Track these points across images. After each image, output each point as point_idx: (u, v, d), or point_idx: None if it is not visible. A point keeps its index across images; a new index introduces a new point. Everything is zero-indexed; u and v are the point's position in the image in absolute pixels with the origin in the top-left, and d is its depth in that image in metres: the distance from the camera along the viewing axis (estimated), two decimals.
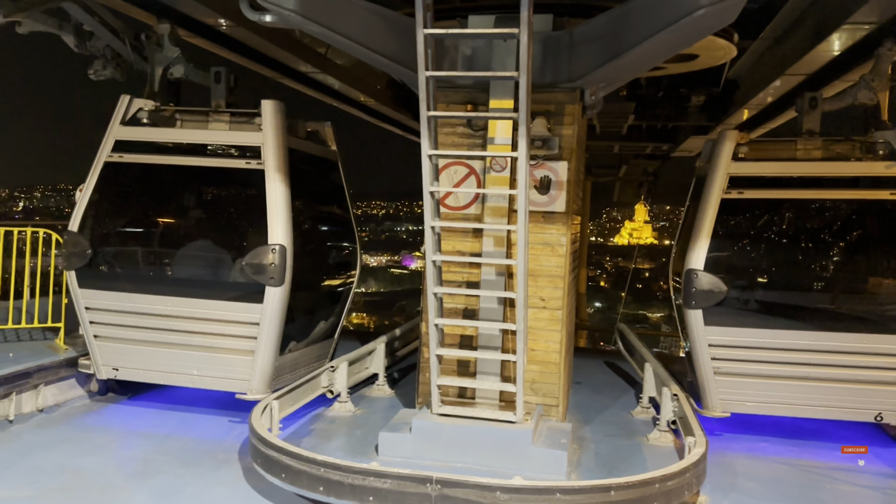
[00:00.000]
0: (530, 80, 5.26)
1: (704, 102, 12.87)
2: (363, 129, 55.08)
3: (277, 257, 6.55)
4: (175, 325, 6.90)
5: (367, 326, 60.88)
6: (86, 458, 5.96)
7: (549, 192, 6.38)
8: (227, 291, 7.01)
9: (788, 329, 6.88)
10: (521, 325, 5.69)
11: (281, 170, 6.75)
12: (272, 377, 6.84)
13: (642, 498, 4.69)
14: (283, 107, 6.97)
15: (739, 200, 7.08)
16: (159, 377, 7.13)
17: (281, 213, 6.67)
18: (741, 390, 6.96)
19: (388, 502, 4.65)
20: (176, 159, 7.27)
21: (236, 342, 6.80)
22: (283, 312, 6.69)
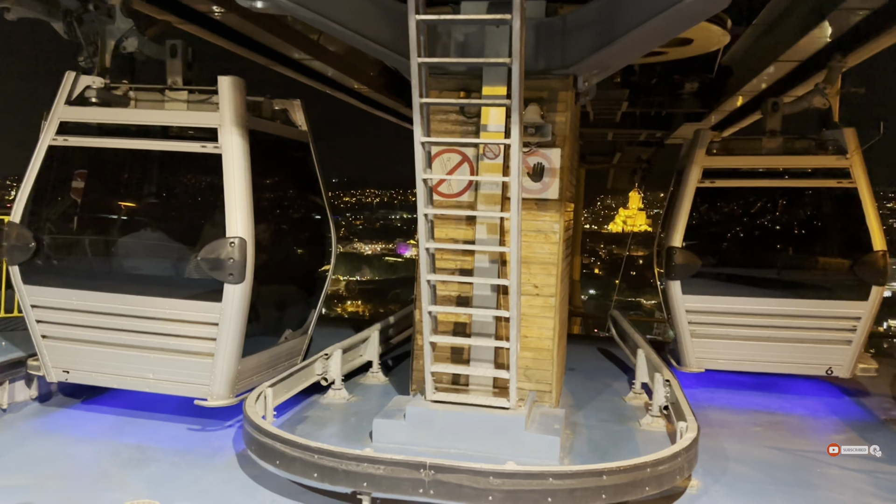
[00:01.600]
0: (523, 66, 5.25)
1: (698, 89, 12.87)
2: (357, 117, 54.84)
3: (236, 251, 5.99)
4: (128, 325, 6.37)
5: (361, 314, 60.99)
6: (80, 446, 5.97)
7: (543, 179, 6.38)
8: (184, 289, 6.45)
9: (753, 297, 8.22)
10: (514, 312, 5.71)
11: (240, 154, 6.17)
12: (235, 381, 6.33)
13: (634, 482, 4.74)
14: (243, 83, 6.35)
15: (712, 189, 8.40)
16: (112, 381, 6.58)
17: (240, 203, 6.09)
18: (713, 350, 8.28)
19: (382, 488, 4.68)
20: (127, 143, 6.62)
21: (194, 344, 6.27)
22: (244, 311, 6.16)
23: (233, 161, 6.13)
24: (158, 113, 6.64)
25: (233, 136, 6.17)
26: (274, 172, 7.36)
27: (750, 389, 8.51)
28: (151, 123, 6.64)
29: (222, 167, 6.12)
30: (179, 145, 6.52)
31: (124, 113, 6.67)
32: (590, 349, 10.36)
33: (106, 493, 5.09)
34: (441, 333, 6.35)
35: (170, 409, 6.84)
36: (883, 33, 8.13)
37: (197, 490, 5.25)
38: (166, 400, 6.80)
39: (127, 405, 7.00)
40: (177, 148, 6.55)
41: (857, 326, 7.95)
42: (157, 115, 6.63)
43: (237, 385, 6.37)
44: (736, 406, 7.85)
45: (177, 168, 6.95)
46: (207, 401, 6.24)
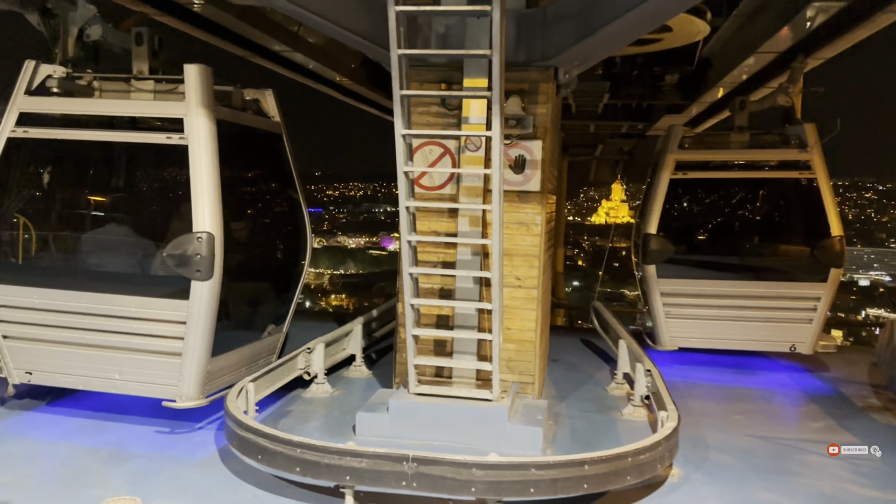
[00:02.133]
0: (504, 58, 5.23)
1: (678, 81, 12.97)
2: (339, 110, 54.54)
3: (204, 247, 5.76)
4: (94, 324, 6.11)
5: (345, 308, 60.81)
6: (60, 443, 5.91)
7: (524, 171, 6.39)
8: (151, 286, 6.22)
9: (722, 279, 8.94)
10: (496, 304, 5.72)
11: (207, 145, 5.92)
12: (204, 381, 6.11)
13: (616, 471, 4.76)
14: (211, 72, 6.09)
15: (684, 180, 9.09)
16: (77, 382, 6.34)
17: (208, 196, 5.84)
18: (686, 329, 9.01)
19: (365, 481, 4.67)
20: (89, 134, 6.36)
21: (161, 343, 6.03)
22: (213, 309, 5.94)
23: (199, 152, 5.89)
24: (121, 103, 6.39)
25: (199, 127, 5.94)
26: (244, 164, 7.13)
27: (727, 369, 8.98)
28: (115, 114, 6.42)
29: (189, 159, 5.90)
30: (144, 136, 6.30)
31: (86, 103, 6.41)
32: (573, 340, 10.41)
33: (86, 490, 5.03)
34: (424, 326, 6.35)
35: (138, 411, 6.58)
36: (842, 35, 8.77)
37: (178, 486, 5.21)
38: (134, 402, 6.59)
39: (93, 407, 6.71)
40: (141, 139, 6.33)
41: (818, 306, 8.65)
42: (121, 105, 6.39)
43: (207, 386, 6.16)
44: (715, 391, 7.99)
45: (142, 160, 6.76)
46: (176, 402, 6.02)
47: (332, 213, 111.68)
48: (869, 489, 5.37)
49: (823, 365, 8.92)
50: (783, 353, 9.08)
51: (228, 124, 6.35)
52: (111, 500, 4.88)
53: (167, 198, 6.87)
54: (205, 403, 6.10)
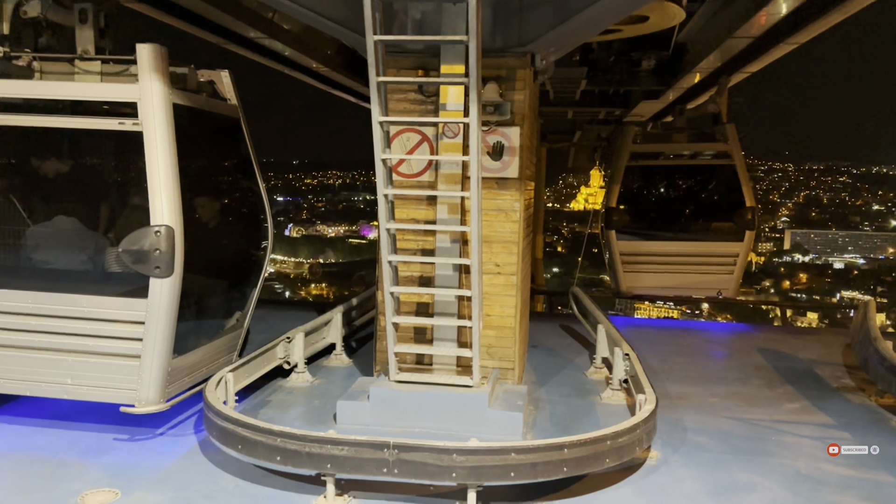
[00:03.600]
0: (480, 44, 5.21)
1: (655, 67, 13.02)
2: (317, 98, 54.01)
3: (163, 241, 5.36)
4: (42, 326, 5.67)
5: (325, 297, 60.66)
6: (35, 438, 5.84)
7: (503, 157, 6.38)
8: (105, 284, 5.81)
9: (665, 241, 11.94)
10: (476, 291, 5.73)
11: (164, 131, 5.47)
12: (165, 384, 5.72)
13: (595, 455, 4.81)
14: (166, 52, 5.56)
15: (637, 167, 12.25)
16: (24, 388, 5.87)
17: (166, 187, 5.40)
18: (638, 279, 12.11)
19: (346, 469, 4.68)
20: (31, 119, 5.83)
21: (118, 345, 5.62)
22: (174, 308, 5.55)
23: (155, 139, 5.44)
24: (69, 85, 5.85)
25: (155, 112, 5.47)
26: (202, 152, 6.63)
27: (704, 352, 9.33)
28: (62, 97, 5.85)
29: (143, 146, 5.44)
30: (93, 122, 5.77)
31: (28, 86, 5.87)
32: (552, 326, 10.47)
33: (64, 483, 4.99)
34: (404, 314, 6.34)
35: (91, 417, 6.16)
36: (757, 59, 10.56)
37: (158, 477, 5.18)
38: (86, 408, 6.17)
39: (40, 414, 6.28)
40: (90, 125, 5.79)
41: (737, 260, 11.57)
42: (68, 87, 5.83)
43: (167, 389, 5.78)
44: (692, 374, 8.13)
45: (90, 148, 6.24)
46: (135, 407, 5.63)
47: (310, 201, 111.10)
48: (843, 468, 5.47)
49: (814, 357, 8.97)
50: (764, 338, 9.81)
51: (185, 108, 5.88)
52: (90, 493, 4.85)
53: (119, 189, 6.39)
54: (165, 408, 5.76)
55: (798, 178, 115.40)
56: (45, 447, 5.65)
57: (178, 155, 5.57)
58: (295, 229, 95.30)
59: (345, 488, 4.86)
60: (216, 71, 6.73)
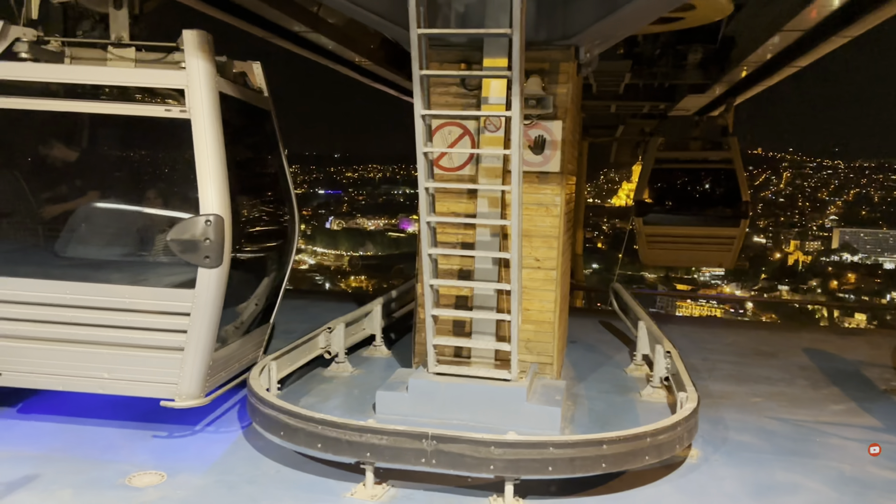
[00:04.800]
0: (524, 37, 5.20)
1: (701, 60, 12.78)
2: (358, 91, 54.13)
3: (213, 231, 5.19)
4: (79, 318, 5.43)
5: (364, 289, 61.18)
6: (85, 419, 6.02)
7: (544, 151, 6.36)
8: (148, 275, 5.63)
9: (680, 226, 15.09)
10: (515, 285, 5.73)
11: (212, 120, 5.33)
12: (206, 378, 5.59)
13: (634, 452, 4.78)
14: (212, 38, 5.45)
15: (661, 168, 15.04)
16: (57, 382, 5.63)
17: (215, 176, 5.26)
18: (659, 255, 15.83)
19: (385, 458, 4.73)
20: (77, 105, 5.64)
21: (161, 337, 5.43)
22: (220, 299, 5.39)
23: (204, 128, 5.29)
24: (116, 71, 5.61)
25: (203, 100, 5.31)
26: (241, 142, 6.52)
27: (747, 352, 9.10)
28: (106, 83, 5.67)
29: (189, 134, 5.28)
30: (139, 109, 5.60)
31: (74, 71, 5.63)
32: (592, 322, 10.40)
33: (113, 465, 5.15)
34: (443, 307, 6.38)
35: (126, 414, 6.08)
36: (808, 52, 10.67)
37: (202, 461, 5.32)
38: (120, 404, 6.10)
39: (68, 412, 6.13)
40: (135, 112, 5.60)
41: (734, 241, 14.56)
42: (115, 73, 5.60)
43: (207, 383, 5.64)
44: (735, 373, 8.00)
45: (132, 135, 6.02)
46: (175, 401, 5.49)
47: (351, 195, 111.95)
48: (890, 471, 5.34)
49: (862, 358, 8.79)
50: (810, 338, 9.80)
51: (227, 97, 5.73)
52: (137, 475, 5.01)
53: (161, 176, 6.25)
54: (206, 402, 5.62)
55: (848, 175, 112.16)
56: (92, 433, 5.83)
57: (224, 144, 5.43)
58: (335, 222, 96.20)
59: (384, 477, 4.92)
60: (248, 62, 6.65)
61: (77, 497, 4.68)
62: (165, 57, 5.61)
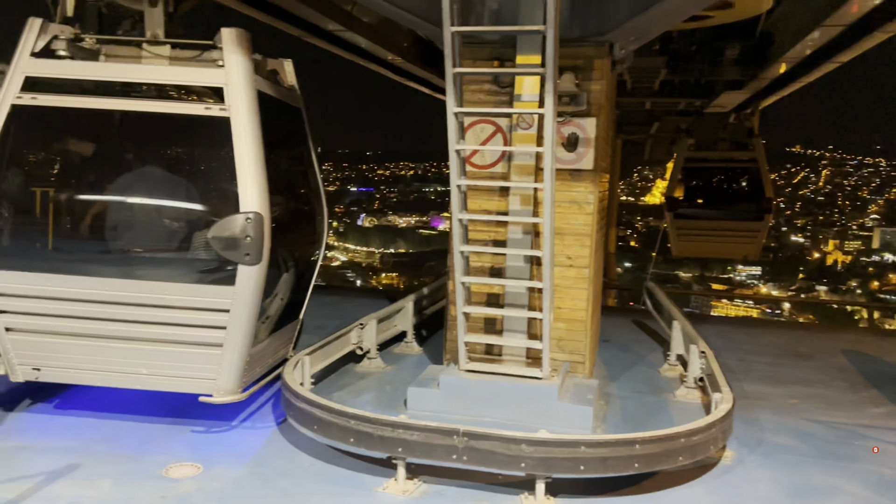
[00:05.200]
0: (558, 33, 5.18)
1: (739, 56, 12.57)
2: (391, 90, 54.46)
3: (253, 228, 5.22)
4: (119, 314, 5.45)
5: (396, 286, 61.44)
6: (126, 405, 6.15)
7: (577, 149, 6.32)
8: (187, 272, 5.68)
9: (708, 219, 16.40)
10: (547, 283, 5.71)
11: (251, 118, 5.36)
12: (243, 373, 5.64)
13: (667, 452, 4.74)
14: (250, 37, 5.46)
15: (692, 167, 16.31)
16: (95, 378, 5.67)
17: (254, 174, 5.29)
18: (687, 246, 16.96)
19: (416, 453, 4.76)
20: (115, 103, 5.63)
21: (200, 333, 5.46)
22: (259, 296, 5.45)
23: (243, 126, 5.31)
24: (154, 69, 5.66)
25: (242, 97, 5.34)
26: (276, 140, 6.39)
27: (784, 353, 8.94)
28: (144, 81, 5.69)
29: (228, 132, 5.30)
30: (178, 107, 5.61)
31: (112, 69, 5.65)
32: (624, 321, 10.31)
33: (150, 457, 5.27)
34: (474, 304, 6.38)
35: (162, 410, 6.15)
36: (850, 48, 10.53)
37: (237, 454, 5.41)
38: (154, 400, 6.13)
39: (103, 408, 6.21)
40: (175, 110, 5.61)
41: (759, 234, 15.74)
42: (153, 71, 5.64)
43: (243, 378, 5.69)
44: (771, 374, 7.87)
45: (169, 133, 6.04)
46: (213, 397, 5.55)
47: (383, 192, 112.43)
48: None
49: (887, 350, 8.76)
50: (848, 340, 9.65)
51: (263, 95, 5.73)
52: (174, 466, 5.11)
53: (199, 174, 6.26)
54: (243, 398, 5.69)
55: (890, 173, 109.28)
56: (129, 426, 5.95)
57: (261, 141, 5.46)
58: (367, 219, 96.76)
59: (415, 472, 4.95)
60: (279, 60, 6.63)
61: (116, 487, 4.79)
62: (201, 55, 5.64)
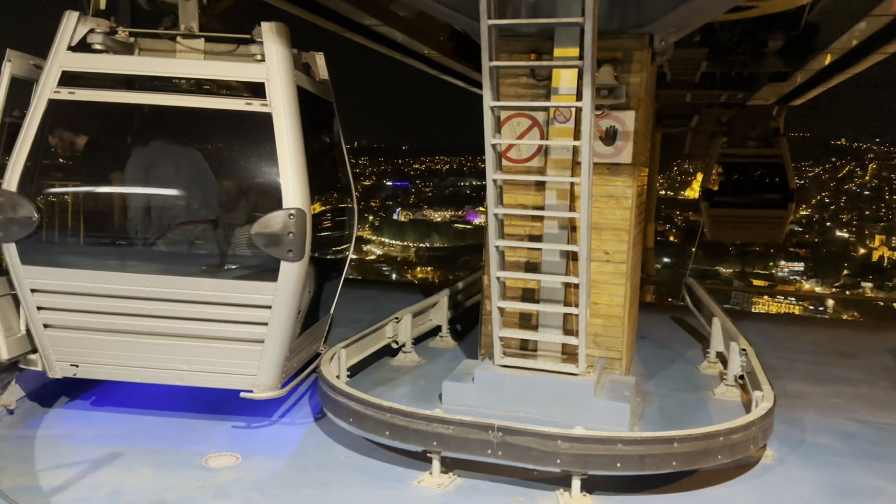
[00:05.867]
0: (596, 25, 5.11)
1: (782, 47, 12.28)
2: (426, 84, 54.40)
3: (295, 225, 5.16)
4: (160, 310, 5.39)
5: (431, 280, 61.58)
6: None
7: (615, 142, 6.25)
8: (228, 268, 5.67)
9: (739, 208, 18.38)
10: (583, 278, 5.66)
11: (292, 113, 5.28)
12: (283, 369, 5.63)
13: (706, 450, 4.66)
14: (289, 31, 5.37)
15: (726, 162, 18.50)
16: (134, 374, 5.62)
17: (296, 170, 5.21)
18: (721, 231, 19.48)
19: (451, 448, 4.77)
20: (157, 98, 5.53)
21: (242, 329, 5.41)
22: (300, 292, 5.40)
23: (285, 122, 5.23)
24: (191, 64, 5.55)
25: (284, 93, 5.26)
26: (312, 135, 6.24)
27: (827, 352, 8.69)
28: (182, 76, 5.60)
29: (269, 128, 5.22)
30: (219, 102, 5.52)
31: (149, 63, 5.55)
32: (663, 318, 10.18)
33: (190, 447, 5.37)
34: (509, 299, 6.36)
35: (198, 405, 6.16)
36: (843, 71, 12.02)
37: (274, 445, 5.49)
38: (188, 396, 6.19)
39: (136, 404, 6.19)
40: (215, 105, 5.51)
41: (783, 221, 17.98)
42: (191, 66, 5.54)
43: (283, 374, 5.68)
44: (813, 373, 7.69)
45: (207, 129, 5.94)
46: (254, 393, 5.55)
47: (418, 186, 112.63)
48: None
49: None
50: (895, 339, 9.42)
51: (300, 90, 5.62)
52: (214, 456, 5.21)
53: (240, 170, 6.10)
54: (283, 393, 5.69)
55: None
56: (169, 418, 6.07)
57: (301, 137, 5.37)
58: (403, 213, 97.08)
59: (450, 466, 4.96)
60: (311, 53, 6.53)
61: (156, 476, 4.90)
62: (235, 49, 5.59)
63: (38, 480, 4.74)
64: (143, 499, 4.58)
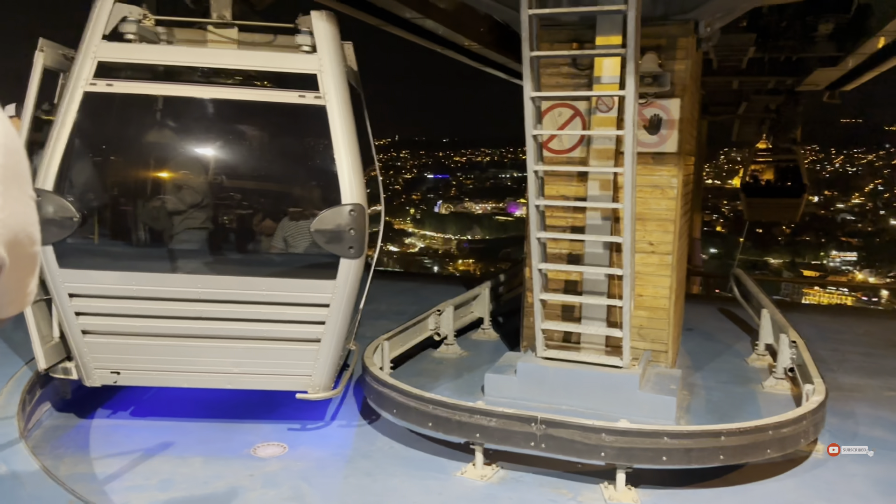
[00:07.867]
0: (640, 12, 5.02)
1: (833, 31, 11.88)
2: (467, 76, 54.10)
3: (356, 221, 4.90)
4: (210, 312, 5.13)
5: (472, 272, 61.58)
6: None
7: (660, 131, 6.14)
8: (283, 266, 5.46)
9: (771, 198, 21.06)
10: (627, 270, 5.59)
11: (346, 107, 5.00)
12: (336, 369, 5.41)
13: (755, 444, 4.57)
14: (337, 20, 5.10)
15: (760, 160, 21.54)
16: (181, 379, 5.36)
17: (353, 165, 4.96)
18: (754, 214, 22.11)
19: (494, 439, 4.77)
20: (201, 90, 5.26)
21: (298, 329, 5.19)
22: (357, 289, 5.18)
23: (340, 115, 4.95)
24: (237, 55, 5.25)
25: (338, 85, 4.98)
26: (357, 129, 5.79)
27: (879, 344, 8.39)
28: (226, 67, 5.24)
29: (323, 122, 4.95)
30: (270, 94, 5.29)
31: (194, 53, 5.26)
32: (710, 309, 10.00)
33: (238, 436, 5.48)
34: (552, 291, 6.32)
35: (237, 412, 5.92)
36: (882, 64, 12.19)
37: (320, 435, 5.57)
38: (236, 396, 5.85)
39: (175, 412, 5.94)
40: (268, 98, 5.27)
41: (798, 206, 20.52)
42: (236, 57, 5.23)
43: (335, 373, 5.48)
44: (867, 366, 7.46)
45: (256, 122, 5.69)
46: (308, 393, 5.33)
47: (459, 178, 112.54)
48: None
49: None
50: None
51: None
52: (262, 445, 5.31)
53: (287, 165, 5.91)
54: (336, 393, 5.53)
55: None
56: (215, 401, 6.19)
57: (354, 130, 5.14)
58: (444, 206, 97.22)
59: (493, 458, 4.97)
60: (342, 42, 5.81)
61: (207, 464, 5.02)
62: (274, 39, 5.38)
63: (94, 468, 4.90)
64: (193, 487, 4.70)
